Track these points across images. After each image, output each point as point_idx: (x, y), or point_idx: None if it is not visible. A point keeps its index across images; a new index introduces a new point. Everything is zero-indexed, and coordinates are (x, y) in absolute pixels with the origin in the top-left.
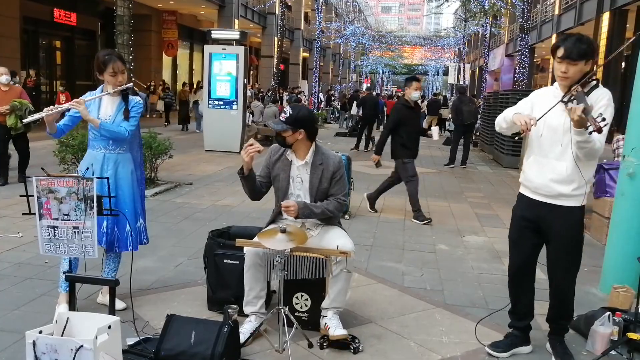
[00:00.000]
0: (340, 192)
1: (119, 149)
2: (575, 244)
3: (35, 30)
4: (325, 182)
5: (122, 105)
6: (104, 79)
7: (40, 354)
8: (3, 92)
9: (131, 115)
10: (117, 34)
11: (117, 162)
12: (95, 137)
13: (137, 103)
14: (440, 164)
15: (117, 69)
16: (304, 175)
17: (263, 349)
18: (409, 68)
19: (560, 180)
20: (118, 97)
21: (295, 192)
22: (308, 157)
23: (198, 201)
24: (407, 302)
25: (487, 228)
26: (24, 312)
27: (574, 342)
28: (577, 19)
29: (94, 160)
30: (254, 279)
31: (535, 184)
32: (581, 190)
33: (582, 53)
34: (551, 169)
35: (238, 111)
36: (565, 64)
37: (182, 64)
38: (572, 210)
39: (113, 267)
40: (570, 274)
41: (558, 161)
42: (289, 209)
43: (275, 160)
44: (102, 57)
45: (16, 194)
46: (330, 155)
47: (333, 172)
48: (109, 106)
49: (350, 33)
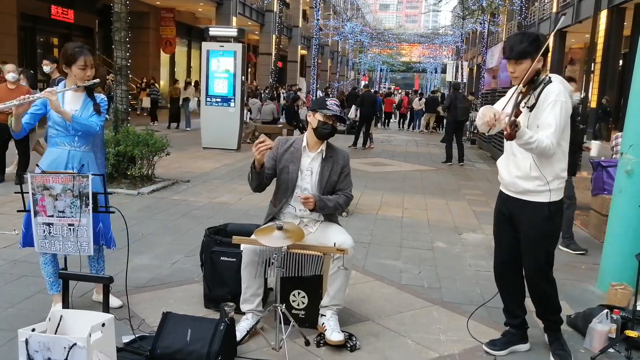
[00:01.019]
0: (348, 187)
1: (84, 147)
2: (544, 239)
3: (32, 27)
4: (335, 176)
5: (88, 100)
6: (69, 72)
7: (32, 352)
8: (9, 90)
9: (101, 111)
10: (115, 31)
11: (81, 161)
12: (59, 133)
13: (103, 100)
14: (438, 161)
15: (88, 63)
16: (315, 167)
17: (260, 346)
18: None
19: (523, 177)
20: (83, 92)
21: (302, 184)
22: (323, 146)
23: (195, 198)
24: (405, 300)
25: (485, 225)
26: (19, 310)
27: (572, 340)
28: (575, 16)
29: (57, 158)
30: (251, 276)
31: (505, 180)
32: (546, 186)
33: (522, 52)
34: (516, 165)
35: (236, 108)
36: (512, 63)
37: (180, 62)
38: (540, 206)
39: (100, 268)
40: (542, 269)
41: (523, 159)
42: (308, 200)
43: (283, 151)
44: (71, 49)
45: (12, 191)
46: (339, 149)
47: (342, 166)
48: (72, 101)
49: (348, 30)
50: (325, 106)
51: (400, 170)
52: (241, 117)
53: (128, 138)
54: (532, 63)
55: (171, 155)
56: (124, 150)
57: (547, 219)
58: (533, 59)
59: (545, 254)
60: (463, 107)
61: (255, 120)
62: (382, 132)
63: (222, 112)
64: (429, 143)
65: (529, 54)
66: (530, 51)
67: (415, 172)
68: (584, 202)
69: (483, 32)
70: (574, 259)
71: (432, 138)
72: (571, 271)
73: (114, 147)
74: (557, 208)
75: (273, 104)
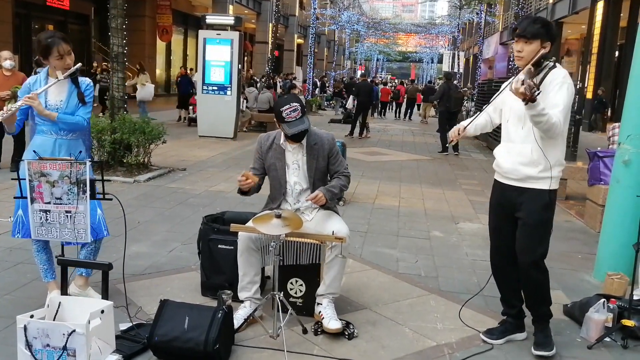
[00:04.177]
0: (342, 167)
1: (71, 135)
2: (541, 226)
3: (27, 14)
4: (323, 161)
5: (73, 88)
6: (48, 64)
7: (31, 338)
8: (5, 77)
9: (87, 100)
10: (111, 18)
11: (69, 148)
12: (44, 122)
13: (89, 85)
14: (434, 151)
15: (64, 51)
16: (300, 159)
17: (257, 334)
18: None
19: (526, 163)
20: (67, 79)
21: (291, 180)
22: (303, 140)
23: (192, 187)
24: (402, 289)
25: (481, 215)
26: (15, 297)
27: (569, 329)
28: (572, 7)
29: (43, 147)
30: (248, 263)
31: (504, 168)
32: (547, 173)
33: (535, 32)
34: (517, 152)
35: (232, 97)
36: (520, 43)
37: (176, 50)
38: (540, 193)
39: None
40: (537, 257)
41: (523, 144)
42: (317, 198)
43: (267, 149)
44: (44, 41)
45: (8, 178)
46: (322, 134)
47: (329, 149)
48: (56, 91)
49: (345, 20)
50: (284, 119)
51: (397, 159)
52: (237, 106)
53: (124, 126)
54: (540, 45)
55: (167, 143)
56: (120, 137)
57: (546, 207)
58: (542, 41)
59: (541, 242)
60: (456, 98)
61: (252, 108)
62: (379, 121)
63: (219, 100)
64: (425, 133)
65: (540, 35)
66: (542, 33)
67: (412, 161)
68: (580, 192)
69: (480, 23)
70: (570, 249)
71: (428, 128)
72: (567, 261)
73: (110, 134)
74: (554, 196)
75: (270, 93)
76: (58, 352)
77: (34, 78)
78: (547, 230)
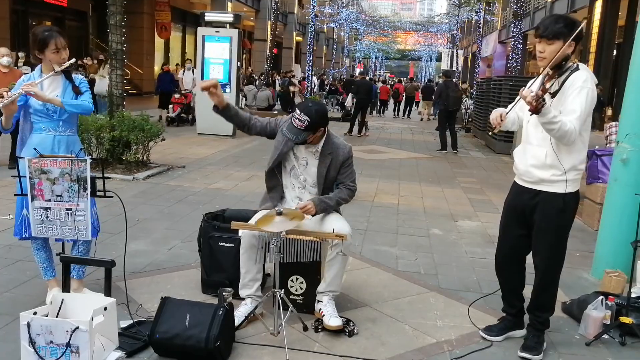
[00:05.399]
0: (349, 179)
1: (69, 131)
2: (556, 231)
3: (24, 11)
4: (334, 172)
5: (67, 83)
6: (44, 58)
7: (35, 335)
8: (2, 74)
9: (84, 90)
10: (110, 14)
11: (68, 145)
12: (42, 119)
13: (83, 80)
14: (433, 149)
15: (60, 45)
16: (310, 159)
17: (258, 332)
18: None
19: (539, 166)
20: (60, 75)
21: (300, 175)
22: (320, 144)
23: (191, 184)
24: (402, 286)
25: (480, 213)
26: (15, 294)
27: (567, 326)
28: (570, 5)
29: (43, 144)
30: (251, 261)
31: (520, 170)
32: (562, 176)
33: (556, 32)
34: (532, 154)
35: (231, 94)
36: (543, 43)
37: (175, 47)
38: (554, 197)
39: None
40: (552, 262)
41: (539, 147)
42: (307, 208)
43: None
44: (41, 34)
45: (7, 175)
46: (340, 144)
47: (342, 161)
48: (52, 86)
49: (344, 17)
50: (290, 119)
51: (396, 157)
52: (236, 103)
53: (123, 123)
54: (563, 45)
55: (166, 141)
56: (119, 135)
57: (561, 211)
58: (565, 41)
59: (561, 247)
60: (455, 96)
61: (251, 106)
62: (378, 119)
63: None
64: (424, 131)
65: (563, 35)
66: (565, 32)
67: (411, 159)
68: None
69: (478, 21)
70: (568, 247)
71: (427, 126)
72: (566, 258)
73: (109, 132)
74: (573, 200)
75: (268, 90)
76: (62, 348)
77: (27, 76)
78: (561, 235)
